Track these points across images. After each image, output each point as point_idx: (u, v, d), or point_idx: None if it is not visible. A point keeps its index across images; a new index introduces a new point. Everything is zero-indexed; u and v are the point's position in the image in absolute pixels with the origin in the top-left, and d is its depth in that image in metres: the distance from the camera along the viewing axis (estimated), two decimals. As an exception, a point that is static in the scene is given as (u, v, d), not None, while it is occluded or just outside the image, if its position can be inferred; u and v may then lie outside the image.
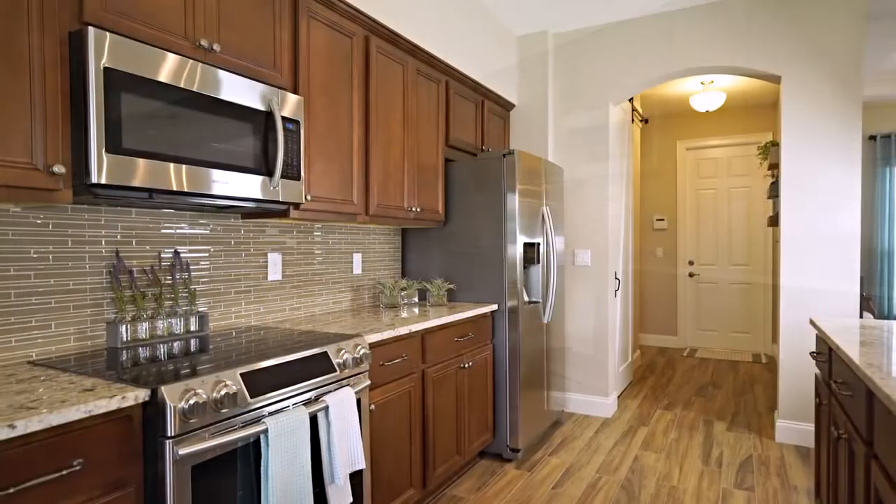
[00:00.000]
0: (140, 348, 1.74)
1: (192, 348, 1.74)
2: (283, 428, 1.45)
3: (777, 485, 2.69)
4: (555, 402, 3.56)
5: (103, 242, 1.78)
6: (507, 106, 3.93)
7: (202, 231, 2.10)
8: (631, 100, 4.86)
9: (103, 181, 1.39)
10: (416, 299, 3.14)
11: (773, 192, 4.08)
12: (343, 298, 2.84)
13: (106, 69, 1.40)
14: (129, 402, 1.22)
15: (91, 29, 1.37)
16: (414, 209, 2.81)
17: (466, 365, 2.72)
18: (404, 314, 2.59)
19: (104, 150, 1.39)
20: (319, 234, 2.68)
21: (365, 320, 2.40)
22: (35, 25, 1.32)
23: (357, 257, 2.93)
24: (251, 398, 1.44)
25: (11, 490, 1.02)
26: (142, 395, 1.24)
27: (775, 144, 4.03)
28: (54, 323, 1.65)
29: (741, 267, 6.02)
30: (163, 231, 1.96)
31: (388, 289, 2.86)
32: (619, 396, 4.31)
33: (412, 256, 3.32)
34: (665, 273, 6.39)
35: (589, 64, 3.84)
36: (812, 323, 2.13)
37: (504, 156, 3.02)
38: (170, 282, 1.96)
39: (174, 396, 1.26)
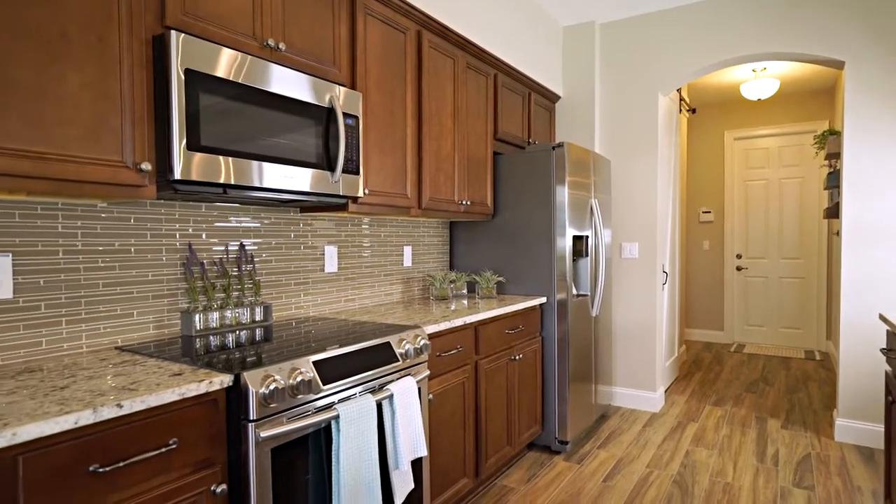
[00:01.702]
0: (211, 336, 1.82)
1: (260, 337, 1.82)
2: (353, 414, 1.50)
3: (839, 485, 2.61)
4: (602, 395, 3.54)
5: (177, 236, 1.87)
6: (553, 98, 3.90)
7: (264, 224, 2.18)
8: (679, 89, 4.75)
9: (184, 177, 1.46)
10: (464, 291, 3.16)
11: (832, 182, 3.92)
12: (394, 290, 2.89)
13: (187, 70, 1.46)
14: (215, 387, 1.28)
15: (173, 32, 1.44)
16: (464, 202, 2.83)
17: (517, 357, 2.73)
18: (454, 306, 2.62)
19: (185, 147, 1.46)
20: (372, 227, 2.73)
21: (418, 312, 2.44)
22: (124, 28, 1.40)
23: (407, 250, 2.97)
24: (324, 385, 1.49)
25: (121, 464, 1.10)
26: (226, 380, 1.31)
27: (834, 133, 3.87)
28: (136, 311, 1.75)
29: (793, 260, 5.82)
30: (229, 225, 2.04)
31: (439, 281, 2.90)
32: (665, 391, 4.25)
33: (459, 249, 3.35)
34: (711, 267, 6.23)
35: (637, 54, 3.77)
36: (882, 318, 2.05)
37: (553, 148, 3.00)
38: (236, 273, 2.05)
39: (255, 382, 1.33)
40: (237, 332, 1.91)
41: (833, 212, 4.04)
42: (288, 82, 1.75)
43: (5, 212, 1.45)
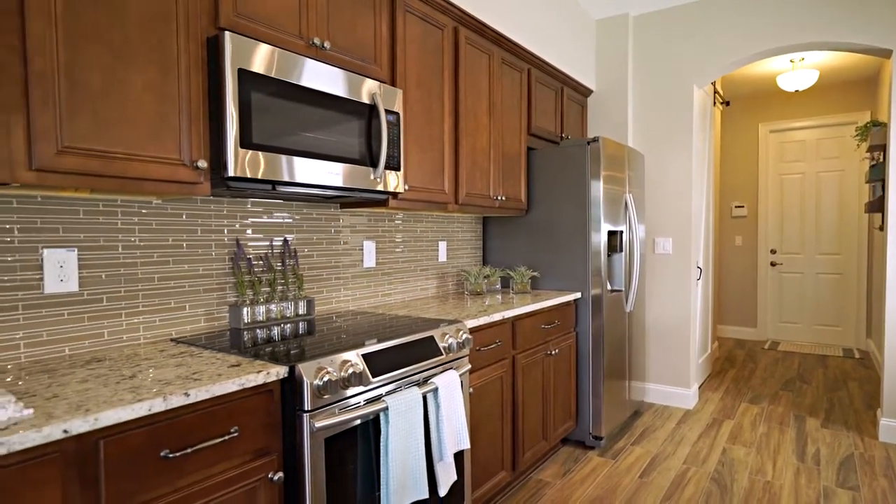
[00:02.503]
0: (258, 329, 1.87)
1: (304, 331, 1.86)
2: (401, 407, 1.53)
3: (885, 486, 2.55)
4: (635, 391, 3.52)
5: (225, 231, 1.92)
6: (585, 92, 3.87)
7: (306, 220, 2.22)
8: (713, 82, 4.65)
9: (237, 174, 1.51)
10: (498, 286, 3.17)
11: (875, 175, 3.81)
12: (429, 285, 2.92)
13: (239, 70, 1.50)
14: (272, 378, 1.33)
15: (227, 33, 1.47)
16: (499, 198, 2.84)
17: (552, 352, 2.74)
18: (489, 301, 2.64)
19: (238, 145, 1.50)
20: (408, 223, 2.76)
21: (455, 307, 2.46)
22: (181, 31, 1.44)
23: (442, 245, 2.99)
24: (373, 378, 1.53)
25: (189, 450, 1.14)
26: (282, 371, 1.35)
27: (878, 124, 3.75)
28: (188, 305, 1.81)
29: (831, 256, 5.67)
30: (273, 220, 2.09)
31: (473, 276, 2.91)
32: (699, 388, 4.19)
33: (492, 244, 3.35)
34: (744, 262, 6.11)
35: (672, 46, 3.71)
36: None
37: (588, 143, 2.98)
38: (280, 268, 2.09)
39: (310, 374, 1.36)
40: (282, 325, 1.96)
41: (876, 206, 3.92)
42: (332, 80, 1.78)
43: (71, 209, 1.52)
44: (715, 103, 4.86)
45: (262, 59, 1.56)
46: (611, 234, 3.11)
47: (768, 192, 5.97)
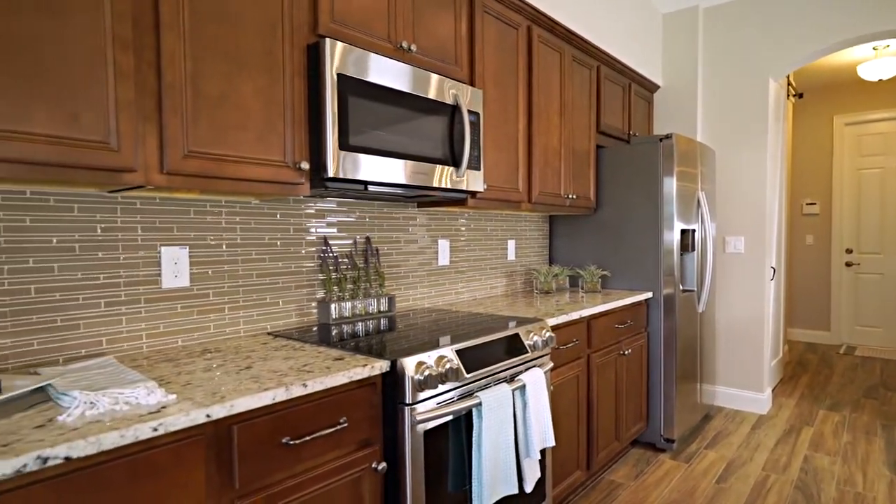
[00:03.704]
0: (344, 325, 1.94)
1: (387, 327, 1.91)
2: (494, 403, 1.56)
3: None
4: (706, 394, 3.42)
5: (314, 230, 2.00)
6: (652, 88, 3.79)
7: (386, 219, 2.28)
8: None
9: (336, 175, 1.57)
10: (566, 285, 3.16)
11: (972, 169, 3.55)
12: (498, 283, 2.93)
13: (338, 75, 1.56)
14: (376, 372, 1.38)
15: (328, 40, 1.54)
16: (570, 196, 2.82)
17: (625, 352, 2.70)
18: (559, 300, 2.63)
19: (338, 147, 1.57)
20: (479, 221, 2.78)
21: (529, 305, 2.47)
22: (286, 39, 1.51)
23: (511, 244, 3.00)
24: (467, 373, 1.56)
25: (307, 438, 1.21)
26: (384, 365, 1.40)
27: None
28: (282, 300, 1.89)
29: (914, 256, 5.32)
30: (356, 220, 2.15)
31: (543, 275, 2.91)
32: (771, 393, 4.03)
33: (558, 243, 3.34)
34: (816, 262, 5.82)
35: (745, 38, 3.58)
36: None
37: (661, 140, 2.92)
38: (363, 266, 2.16)
39: (411, 368, 1.41)
40: (366, 321, 2.02)
41: (972, 202, 3.65)
42: (418, 81, 1.83)
43: (183, 209, 1.62)
44: (788, 96, 4.65)
45: (356, 63, 1.62)
46: (683, 232, 3.04)
47: (843, 189, 5.66)
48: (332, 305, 1.97)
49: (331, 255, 2.03)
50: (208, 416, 1.03)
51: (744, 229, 3.64)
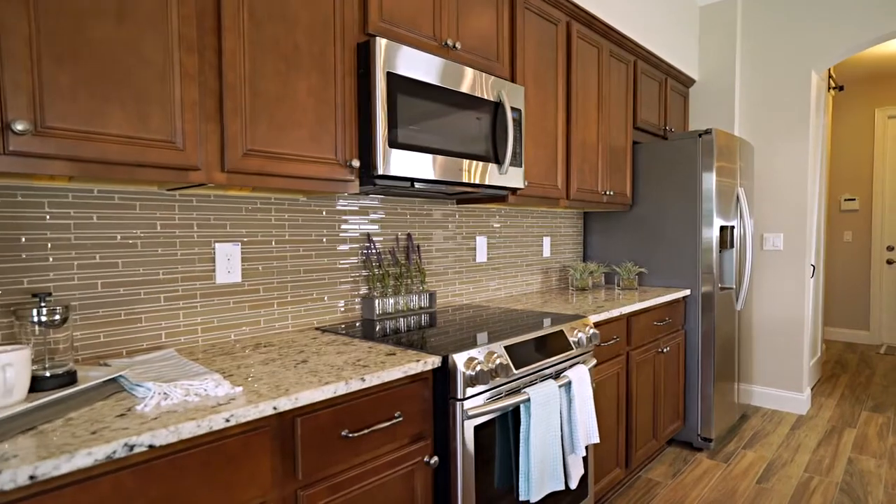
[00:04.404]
0: (388, 321, 1.96)
1: (429, 322, 1.93)
2: (541, 399, 1.56)
3: None
4: (743, 394, 3.37)
5: (358, 227, 2.03)
6: (688, 82, 3.73)
7: (426, 216, 2.30)
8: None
9: (386, 173, 1.58)
10: (602, 282, 3.13)
11: None
12: (534, 280, 2.93)
13: (388, 73, 1.58)
14: (429, 367, 1.39)
15: (379, 39, 1.55)
16: (607, 193, 2.80)
17: (663, 350, 2.67)
18: (595, 297, 2.61)
19: (387, 144, 1.58)
20: (515, 218, 2.78)
21: (566, 301, 2.46)
22: (338, 38, 1.53)
23: (546, 241, 3.00)
24: (515, 369, 1.57)
25: (366, 430, 1.23)
26: (436, 361, 1.41)
27: None
28: (327, 296, 1.92)
29: (960, 253, 5.13)
30: (398, 217, 2.17)
31: (578, 272, 2.90)
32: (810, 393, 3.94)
33: (592, 240, 3.31)
34: (854, 260, 5.66)
35: (787, 29, 3.49)
36: None
37: (700, 135, 2.88)
38: (405, 262, 2.18)
39: (462, 363, 1.42)
40: (408, 317, 2.04)
41: None
42: (462, 79, 1.83)
43: (235, 206, 1.66)
44: (829, 89, 4.52)
45: (404, 61, 1.63)
46: (722, 229, 2.99)
47: (885, 184, 5.49)
48: (377, 301, 2.00)
49: (374, 251, 2.05)
50: (275, 408, 1.06)
51: (782, 226, 3.56)
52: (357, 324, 1.91)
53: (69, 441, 0.84)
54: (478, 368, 1.42)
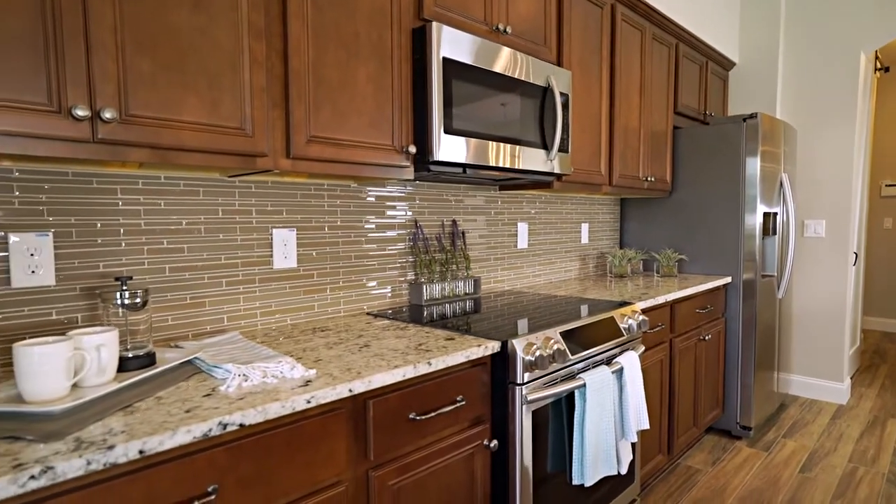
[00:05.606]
0: (434, 306, 1.97)
1: (474, 308, 1.93)
2: (597, 384, 1.57)
3: None
4: (782, 383, 3.33)
5: (406, 213, 2.04)
6: (727, 65, 3.64)
7: (470, 202, 2.30)
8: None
9: (441, 159, 1.59)
10: (640, 269, 3.11)
11: None
12: (572, 267, 2.92)
13: (443, 59, 1.57)
14: (489, 352, 1.40)
15: (434, 24, 1.55)
16: (648, 179, 2.77)
17: (705, 337, 2.65)
18: (634, 284, 2.59)
19: (442, 130, 1.58)
20: (555, 205, 2.77)
21: (605, 288, 2.45)
22: (395, 24, 1.53)
23: (585, 227, 2.98)
24: (571, 355, 1.57)
25: (432, 414, 1.25)
26: (496, 346, 1.42)
27: None
28: (377, 281, 1.94)
29: None
30: (444, 202, 2.18)
31: (617, 258, 2.88)
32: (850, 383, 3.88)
33: (629, 226, 3.28)
34: (894, 247, 5.51)
35: (836, 8, 3.38)
36: None
37: (745, 119, 2.82)
38: (450, 248, 2.19)
39: (521, 348, 1.43)
40: (453, 302, 2.06)
41: None
42: (513, 63, 1.82)
43: (291, 192, 1.68)
44: (875, 70, 4.38)
45: (458, 46, 1.62)
46: (765, 215, 2.93)
47: (928, 169, 5.31)
48: (424, 287, 2.01)
49: (422, 237, 2.06)
50: (350, 390, 1.08)
51: (824, 212, 3.48)
52: (404, 309, 1.93)
53: (167, 419, 0.88)
54: (537, 354, 1.43)
